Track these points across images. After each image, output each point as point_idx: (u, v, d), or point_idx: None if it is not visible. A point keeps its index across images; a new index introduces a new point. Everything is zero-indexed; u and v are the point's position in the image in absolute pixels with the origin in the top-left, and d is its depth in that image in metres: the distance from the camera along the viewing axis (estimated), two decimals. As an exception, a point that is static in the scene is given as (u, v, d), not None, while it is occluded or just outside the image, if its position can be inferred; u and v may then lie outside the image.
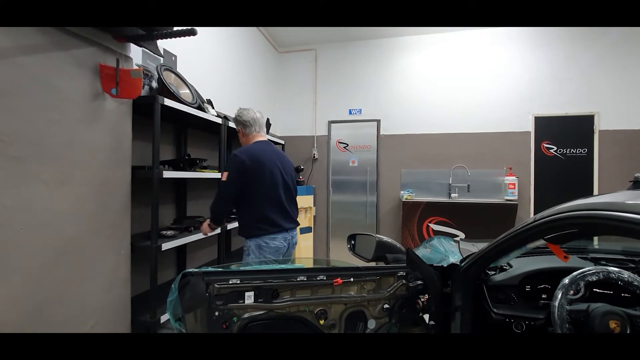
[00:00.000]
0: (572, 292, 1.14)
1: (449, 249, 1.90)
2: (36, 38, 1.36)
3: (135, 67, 1.90)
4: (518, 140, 4.64)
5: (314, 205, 5.27)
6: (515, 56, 4.69)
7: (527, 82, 4.63)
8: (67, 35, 1.48)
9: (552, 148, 4.55)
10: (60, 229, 1.48)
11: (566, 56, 4.51)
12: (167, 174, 2.03)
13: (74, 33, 1.51)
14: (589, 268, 1.12)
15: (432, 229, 4.45)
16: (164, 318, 2.00)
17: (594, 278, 1.09)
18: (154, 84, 2.14)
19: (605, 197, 0.75)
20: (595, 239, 1.97)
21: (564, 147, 4.50)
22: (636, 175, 0.74)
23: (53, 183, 1.44)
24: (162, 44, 2.43)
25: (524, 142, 4.63)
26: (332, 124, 5.40)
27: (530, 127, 4.61)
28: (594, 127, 4.40)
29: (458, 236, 4.29)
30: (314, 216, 5.30)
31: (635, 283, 1.06)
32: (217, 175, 2.70)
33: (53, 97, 1.44)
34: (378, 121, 5.19)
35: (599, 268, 1.11)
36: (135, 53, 2.06)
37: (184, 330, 1.15)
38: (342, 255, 5.21)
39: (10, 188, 1.28)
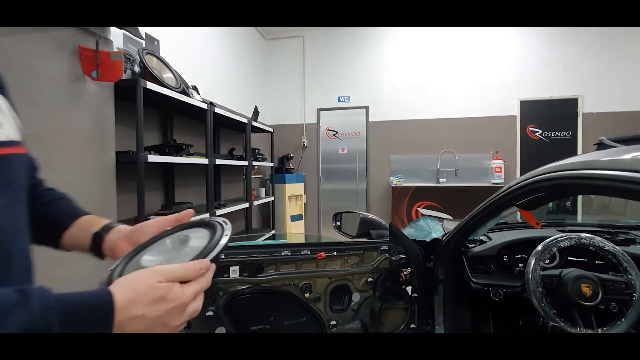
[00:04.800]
0: (547, 260, 1.19)
1: (433, 227, 1.95)
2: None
3: (115, 50, 1.88)
4: (504, 125, 4.71)
5: (304, 193, 5.29)
6: (502, 41, 4.72)
7: (513, 67, 4.67)
8: (43, 15, 1.46)
9: (538, 131, 4.62)
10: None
11: (552, 40, 4.56)
12: (152, 158, 2.02)
13: (51, 14, 1.48)
14: (562, 235, 1.16)
15: (421, 213, 4.52)
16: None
17: (567, 243, 1.13)
18: (136, 69, 2.12)
19: (569, 160, 0.78)
20: (579, 212, 2.04)
21: (549, 130, 4.58)
22: (600, 137, 0.77)
23: (35, 166, 1.43)
24: (143, 27, 2.39)
25: (510, 126, 4.70)
26: (321, 112, 5.39)
27: (516, 111, 4.67)
28: (578, 110, 4.48)
29: (444, 219, 4.37)
30: (304, 204, 5.33)
31: (607, 248, 1.11)
32: (205, 161, 2.69)
33: (32, 78, 1.42)
34: (367, 108, 5.21)
35: (572, 234, 1.16)
36: (116, 37, 2.03)
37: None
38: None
39: (-10, 170, 1.27)
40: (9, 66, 1.34)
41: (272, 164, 4.71)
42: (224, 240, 0.54)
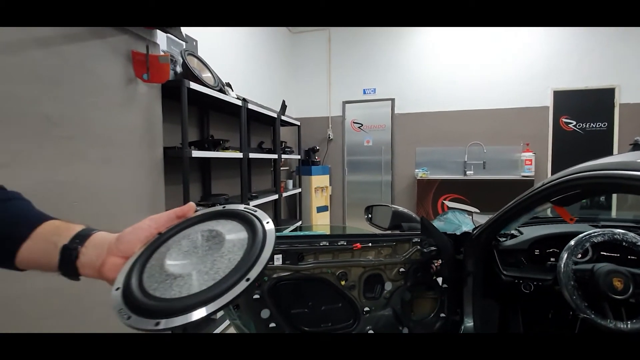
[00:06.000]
0: (579, 254, 1.22)
1: (463, 220, 1.99)
2: (75, 27, 1.48)
3: (162, 53, 2.01)
4: (536, 116, 4.58)
5: (330, 185, 5.38)
6: (535, 29, 4.56)
7: (547, 56, 4.52)
8: (101, 24, 1.59)
9: (571, 123, 4.47)
10: (104, 205, 1.63)
11: (587, 28, 4.37)
12: (196, 153, 2.16)
13: (108, 22, 1.62)
14: (595, 230, 1.19)
15: (447, 205, 4.51)
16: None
17: (600, 239, 1.16)
18: (178, 69, 2.25)
19: (604, 159, 0.82)
20: (613, 207, 2.02)
21: (584, 121, 4.43)
22: (636, 138, 0.80)
23: (97, 162, 1.59)
24: (183, 29, 2.51)
25: (542, 118, 4.57)
26: (347, 104, 5.43)
27: (549, 101, 4.53)
28: (615, 100, 4.30)
29: (472, 212, 4.35)
30: (330, 195, 5.42)
31: (639, 243, 1.13)
32: (239, 155, 2.82)
33: (93, 82, 1.57)
34: (392, 100, 5.19)
35: (605, 230, 1.18)
36: (160, 39, 2.16)
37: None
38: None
39: (64, 165, 1.43)
40: (76, 72, 1.49)
41: (299, 157, 4.82)
42: (270, 226, 0.47)
